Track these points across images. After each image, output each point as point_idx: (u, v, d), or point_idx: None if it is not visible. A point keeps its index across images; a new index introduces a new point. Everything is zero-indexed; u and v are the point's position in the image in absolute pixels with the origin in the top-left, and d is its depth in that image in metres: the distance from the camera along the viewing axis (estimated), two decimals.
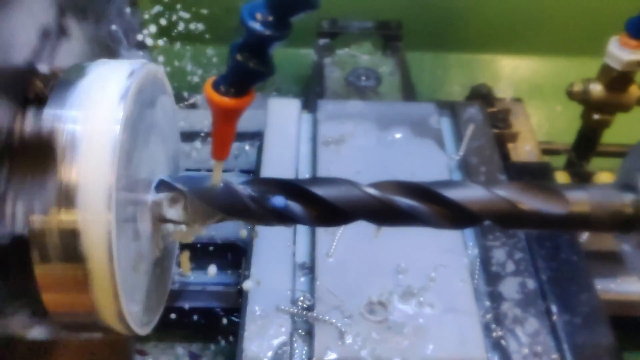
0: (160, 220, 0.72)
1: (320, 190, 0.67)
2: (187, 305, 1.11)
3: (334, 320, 0.94)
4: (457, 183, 0.69)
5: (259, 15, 0.54)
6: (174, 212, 0.71)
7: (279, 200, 0.68)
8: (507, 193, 0.68)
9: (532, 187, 0.70)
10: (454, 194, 0.67)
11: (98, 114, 0.61)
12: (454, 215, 0.68)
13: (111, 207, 0.59)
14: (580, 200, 0.70)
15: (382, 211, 0.68)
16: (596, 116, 1.35)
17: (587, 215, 0.70)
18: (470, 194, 0.68)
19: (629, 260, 0.81)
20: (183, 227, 0.72)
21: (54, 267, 0.60)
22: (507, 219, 0.69)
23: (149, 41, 0.97)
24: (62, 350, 0.77)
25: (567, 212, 0.69)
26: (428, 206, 0.68)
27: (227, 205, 0.69)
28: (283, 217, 0.69)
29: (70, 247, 0.59)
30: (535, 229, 1.06)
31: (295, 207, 0.68)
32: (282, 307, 0.97)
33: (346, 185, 0.68)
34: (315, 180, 0.69)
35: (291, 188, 0.69)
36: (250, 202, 0.68)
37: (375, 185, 0.69)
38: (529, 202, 0.68)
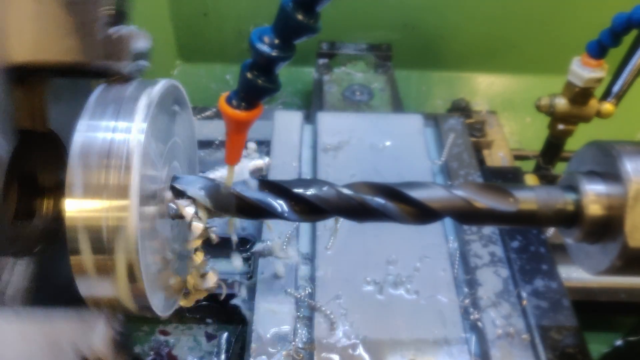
0: (177, 217, 0.72)
1: (301, 190, 0.67)
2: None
3: (329, 311, 0.93)
4: (421, 184, 0.69)
5: (266, 39, 0.54)
6: (185, 209, 0.71)
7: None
8: (464, 193, 0.68)
9: (487, 188, 0.70)
10: (418, 194, 0.67)
11: (125, 124, 0.61)
12: (418, 212, 0.68)
13: (135, 205, 0.59)
14: (528, 199, 0.70)
15: (355, 208, 0.68)
16: (561, 126, 1.35)
17: (534, 212, 0.70)
18: (431, 193, 0.68)
19: (571, 252, 0.81)
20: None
21: (86, 259, 0.60)
22: (464, 215, 0.69)
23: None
24: None
25: (517, 209, 0.69)
26: (395, 204, 0.68)
27: (221, 202, 0.69)
28: (267, 213, 0.69)
29: (100, 240, 0.59)
30: (490, 225, 1.07)
31: (279, 204, 0.68)
32: (288, 289, 0.97)
33: (324, 186, 0.68)
34: (297, 181, 0.69)
35: (277, 188, 0.69)
36: (237, 200, 0.68)
37: (349, 185, 0.69)
38: (483, 200, 0.68)
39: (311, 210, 0.68)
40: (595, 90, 1.26)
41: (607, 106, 1.26)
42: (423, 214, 0.68)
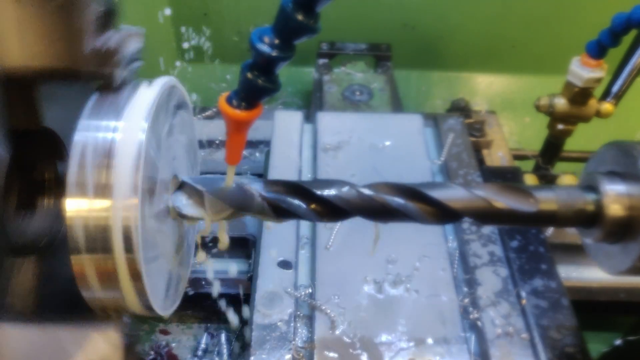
0: (179, 216, 0.72)
1: (322, 191, 0.67)
2: (204, 291, 1.10)
3: (329, 310, 0.94)
4: (441, 184, 0.69)
5: (266, 39, 0.54)
6: (192, 209, 0.71)
7: None
8: (485, 193, 0.68)
9: (506, 188, 0.69)
10: (439, 194, 0.67)
11: (126, 124, 0.61)
12: (438, 213, 0.68)
13: (136, 205, 0.59)
14: (548, 199, 0.70)
15: (376, 209, 0.68)
16: (560, 126, 1.35)
17: (554, 212, 0.70)
18: (452, 194, 0.68)
19: (591, 252, 0.81)
20: (200, 221, 0.72)
21: (87, 258, 0.60)
22: (484, 215, 0.69)
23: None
24: None
25: (537, 210, 0.69)
26: (416, 204, 0.68)
27: (239, 202, 0.69)
28: (288, 213, 0.69)
29: (101, 240, 0.59)
30: (509, 225, 1.07)
31: (299, 205, 0.68)
32: (288, 289, 0.97)
33: (345, 186, 0.68)
34: (317, 181, 0.69)
35: (297, 188, 0.69)
36: (260, 199, 0.68)
37: (370, 186, 0.69)
38: (504, 201, 0.68)
39: (332, 211, 0.68)
40: (595, 90, 1.26)
41: (607, 106, 1.26)
42: (443, 214, 0.68)
